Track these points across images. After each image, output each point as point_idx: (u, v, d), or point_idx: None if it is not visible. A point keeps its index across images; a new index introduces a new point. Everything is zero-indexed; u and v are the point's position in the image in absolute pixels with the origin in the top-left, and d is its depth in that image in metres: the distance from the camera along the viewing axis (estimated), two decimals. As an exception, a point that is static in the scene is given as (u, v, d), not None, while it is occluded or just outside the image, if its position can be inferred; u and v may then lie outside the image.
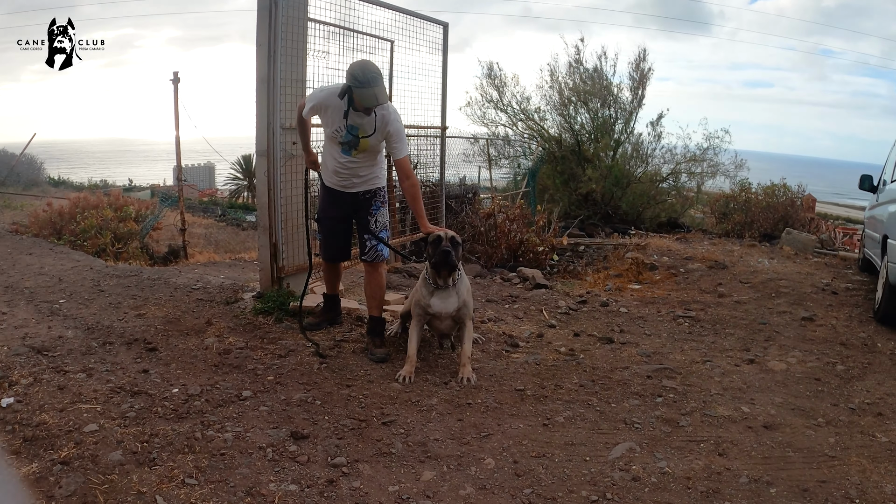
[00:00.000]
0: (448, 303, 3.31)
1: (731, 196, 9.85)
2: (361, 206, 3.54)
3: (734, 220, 8.87)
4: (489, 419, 2.76)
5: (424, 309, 3.33)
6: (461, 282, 3.35)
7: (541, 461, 2.41)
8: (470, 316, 3.41)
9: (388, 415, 2.72)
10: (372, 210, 3.56)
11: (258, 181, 4.02)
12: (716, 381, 3.32)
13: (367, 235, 3.54)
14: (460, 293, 3.33)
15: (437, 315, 3.32)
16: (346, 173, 3.49)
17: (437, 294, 3.30)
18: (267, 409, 2.68)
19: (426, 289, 3.34)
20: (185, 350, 3.32)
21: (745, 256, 6.76)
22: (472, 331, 3.48)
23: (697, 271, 6.11)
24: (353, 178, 3.49)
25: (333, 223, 3.61)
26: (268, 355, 3.32)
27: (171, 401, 2.66)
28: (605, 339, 4.16)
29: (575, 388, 3.19)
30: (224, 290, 4.57)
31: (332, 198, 3.55)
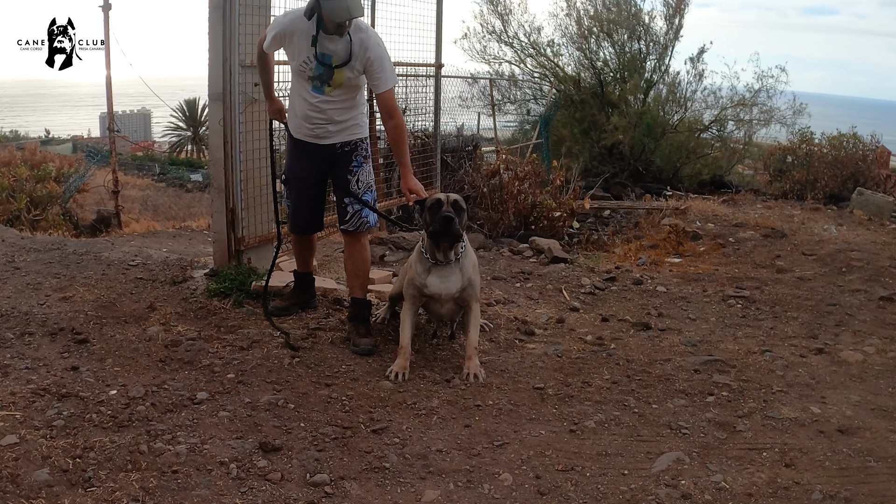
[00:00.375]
0: (449, 282, 3.23)
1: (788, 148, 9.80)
2: (339, 162, 3.45)
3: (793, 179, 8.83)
4: (503, 425, 2.73)
5: (420, 289, 3.26)
6: (465, 256, 3.28)
7: (569, 476, 2.38)
8: (477, 297, 3.35)
9: (379, 420, 2.68)
10: (352, 167, 3.47)
11: (211, 132, 3.93)
12: (778, 376, 3.31)
13: (347, 199, 3.45)
14: (464, 270, 3.26)
15: (436, 297, 3.25)
16: (318, 119, 3.38)
17: (436, 271, 3.23)
18: (228, 414, 2.63)
19: (422, 265, 3.26)
20: (123, 342, 3.26)
21: (808, 222, 6.74)
22: (480, 316, 3.42)
23: (750, 241, 6.09)
24: (327, 124, 3.39)
25: (304, 185, 3.51)
26: (226, 348, 3.26)
27: (108, 405, 2.61)
28: (641, 324, 4.14)
29: (606, 385, 3.16)
30: (169, 266, 4.50)
31: (302, 152, 3.45)
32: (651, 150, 10.90)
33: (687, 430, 2.72)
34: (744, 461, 2.51)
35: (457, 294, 3.26)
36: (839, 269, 5.20)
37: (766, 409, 2.94)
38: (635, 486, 2.32)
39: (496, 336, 3.83)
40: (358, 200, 3.47)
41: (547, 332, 3.99)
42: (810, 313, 4.33)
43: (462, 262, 3.25)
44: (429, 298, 3.28)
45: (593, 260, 6.03)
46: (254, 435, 2.50)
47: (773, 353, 3.61)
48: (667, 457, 2.50)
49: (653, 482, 2.35)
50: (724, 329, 4.10)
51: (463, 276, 3.24)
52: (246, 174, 3.96)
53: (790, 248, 5.83)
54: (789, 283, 4.96)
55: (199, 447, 2.38)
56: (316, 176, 3.50)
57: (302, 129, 3.42)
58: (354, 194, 3.46)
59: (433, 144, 6.31)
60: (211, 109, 3.90)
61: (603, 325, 4.17)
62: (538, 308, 4.50)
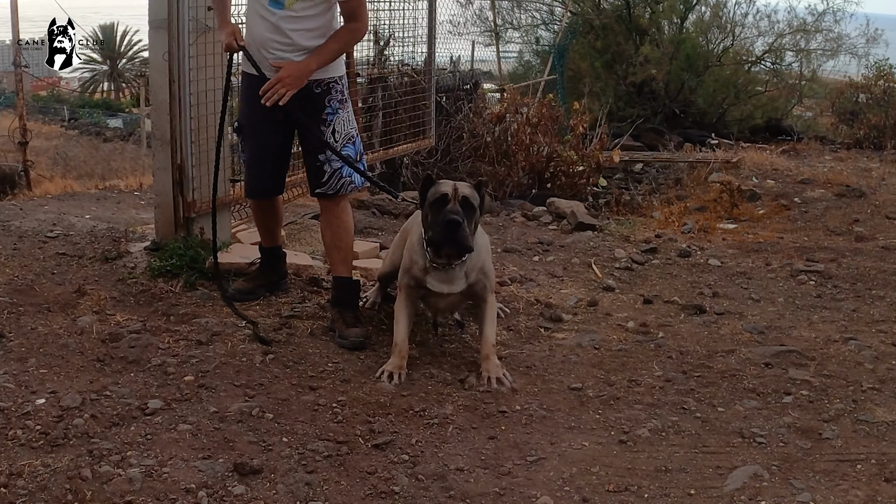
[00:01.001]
0: (454, 282, 3.18)
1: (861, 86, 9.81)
2: (307, 109, 3.38)
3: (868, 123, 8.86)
4: (536, 435, 2.72)
5: (418, 281, 3.22)
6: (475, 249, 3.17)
7: (622, 498, 2.37)
8: (491, 288, 3.30)
9: (381, 432, 2.65)
10: (326, 115, 3.41)
11: (152, 69, 3.88)
12: (867, 370, 3.32)
13: (323, 155, 3.41)
14: (472, 264, 3.18)
15: (437, 294, 3.22)
16: (279, 44, 3.31)
17: (436, 272, 3.17)
18: (190, 427, 2.59)
19: (421, 257, 3.19)
20: (47, 336, 3.20)
21: (890, 178, 6.80)
22: (496, 306, 3.38)
23: (821, 201, 6.13)
24: (291, 52, 3.32)
25: (263, 133, 3.45)
26: (180, 342, 3.22)
27: (36, 419, 2.55)
28: (693, 307, 4.14)
29: (658, 384, 3.16)
30: (97, 238, 4.42)
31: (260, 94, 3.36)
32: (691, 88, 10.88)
33: (763, 439, 2.72)
34: (835, 476, 2.52)
35: (463, 290, 3.22)
36: (933, 235, 5.26)
37: (856, 410, 2.95)
38: (706, 510, 2.33)
39: (515, 323, 3.81)
40: (337, 155, 3.40)
41: (577, 317, 3.99)
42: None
43: (467, 262, 3.16)
44: (427, 291, 3.24)
45: (627, 227, 6.04)
46: (225, 454, 2.46)
47: (859, 342, 3.63)
48: (741, 472, 2.50)
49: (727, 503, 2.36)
50: (796, 312, 4.12)
51: (471, 272, 3.19)
52: (197, 121, 3.89)
53: (870, 210, 5.88)
54: (872, 253, 5.00)
55: (156, 470, 2.34)
56: (278, 120, 3.41)
57: (259, 60, 3.35)
58: (332, 148, 3.40)
59: (426, 83, 6.21)
60: (152, 40, 3.84)
61: (646, 308, 4.18)
62: (563, 288, 4.50)
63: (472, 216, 3.08)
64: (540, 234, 5.75)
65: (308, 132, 3.43)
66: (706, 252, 5.29)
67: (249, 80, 3.43)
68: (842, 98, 9.95)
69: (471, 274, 3.19)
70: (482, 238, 3.31)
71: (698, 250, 5.31)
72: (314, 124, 3.40)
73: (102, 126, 19.51)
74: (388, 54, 6.42)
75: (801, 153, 8.29)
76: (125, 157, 13.06)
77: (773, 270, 4.84)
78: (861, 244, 5.20)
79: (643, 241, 5.58)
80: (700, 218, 6.08)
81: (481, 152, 7.09)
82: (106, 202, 6.44)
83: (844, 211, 5.88)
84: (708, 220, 6.02)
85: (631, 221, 6.19)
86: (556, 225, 6.05)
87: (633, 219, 6.30)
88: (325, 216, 3.56)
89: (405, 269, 3.27)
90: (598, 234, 5.77)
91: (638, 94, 11.78)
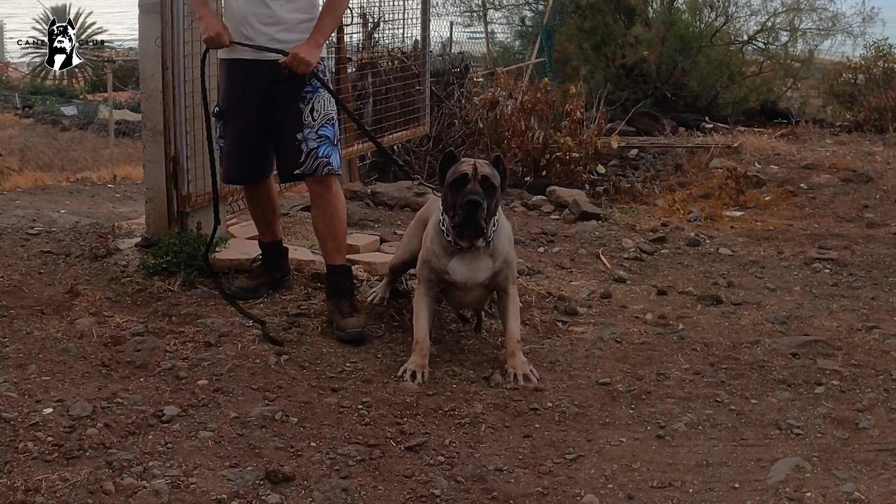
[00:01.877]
0: (477, 268, 3.19)
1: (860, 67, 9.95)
2: (286, 88, 3.41)
3: (868, 106, 9.01)
4: (571, 432, 2.75)
5: (438, 274, 3.22)
6: (498, 233, 3.21)
7: (668, 494, 2.41)
8: (513, 279, 3.32)
9: (412, 434, 2.67)
10: (305, 92, 3.44)
11: (143, 55, 3.85)
12: (894, 358, 3.40)
13: (300, 133, 3.43)
14: (498, 250, 3.20)
15: (460, 285, 3.22)
16: (259, 16, 3.34)
17: (460, 256, 3.18)
18: (211, 434, 2.58)
19: (440, 245, 3.20)
20: (45, 340, 3.16)
21: (894, 162, 6.92)
22: (518, 297, 3.40)
23: (827, 187, 6.24)
24: (272, 25, 3.37)
25: (243, 115, 3.47)
26: (187, 344, 3.20)
27: (46, 429, 2.51)
28: (709, 297, 4.21)
29: (688, 377, 3.21)
30: (82, 234, 4.38)
31: (239, 73, 3.42)
32: (684, 71, 10.97)
33: (800, 430, 2.79)
34: (875, 465, 2.58)
35: (487, 281, 3.23)
36: (946, 220, 5.39)
37: (889, 400, 3.02)
38: (751, 503, 2.39)
39: (530, 317, 3.84)
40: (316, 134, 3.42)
41: (592, 310, 4.03)
42: (919, 278, 4.48)
43: (494, 243, 3.19)
44: (450, 285, 3.26)
45: (632, 215, 6.10)
46: (253, 461, 2.45)
47: (883, 331, 3.71)
48: (783, 464, 2.56)
49: (772, 497, 2.40)
50: (814, 301, 4.20)
51: (496, 259, 3.20)
52: (193, 110, 3.85)
53: (879, 195, 6.00)
54: (885, 240, 5.11)
55: (183, 481, 2.32)
56: (259, 103, 3.45)
57: (237, 37, 3.39)
58: (310, 127, 3.44)
59: (419, 68, 6.22)
60: (143, 25, 3.79)
61: (661, 299, 4.23)
62: (574, 280, 4.54)
63: (492, 195, 3.11)
64: (542, 224, 5.79)
65: (285, 111, 3.44)
66: (715, 241, 5.37)
67: (228, 65, 3.47)
68: (840, 80, 10.11)
69: (497, 258, 3.20)
70: (505, 229, 3.31)
71: (707, 239, 5.39)
72: (292, 101, 3.43)
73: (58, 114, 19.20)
74: (377, 38, 6.41)
75: (800, 137, 8.42)
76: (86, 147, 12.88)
77: (787, 259, 4.93)
78: (873, 231, 5.31)
79: (650, 230, 5.65)
80: (705, 205, 6.16)
81: (475, 139, 7.10)
82: (80, 195, 6.37)
83: (853, 197, 6.00)
84: (713, 207, 6.10)
85: (635, 210, 6.24)
86: (558, 214, 6.09)
87: (636, 207, 6.35)
88: (317, 203, 3.56)
89: (424, 260, 3.28)
90: (603, 223, 5.82)
91: (628, 77, 11.85)
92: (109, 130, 12.92)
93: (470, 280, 3.21)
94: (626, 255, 5.05)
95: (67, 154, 12.83)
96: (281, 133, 3.50)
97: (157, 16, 3.70)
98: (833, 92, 10.38)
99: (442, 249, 3.21)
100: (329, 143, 3.50)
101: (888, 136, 7.91)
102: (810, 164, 6.83)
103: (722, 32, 11.70)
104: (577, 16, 12.19)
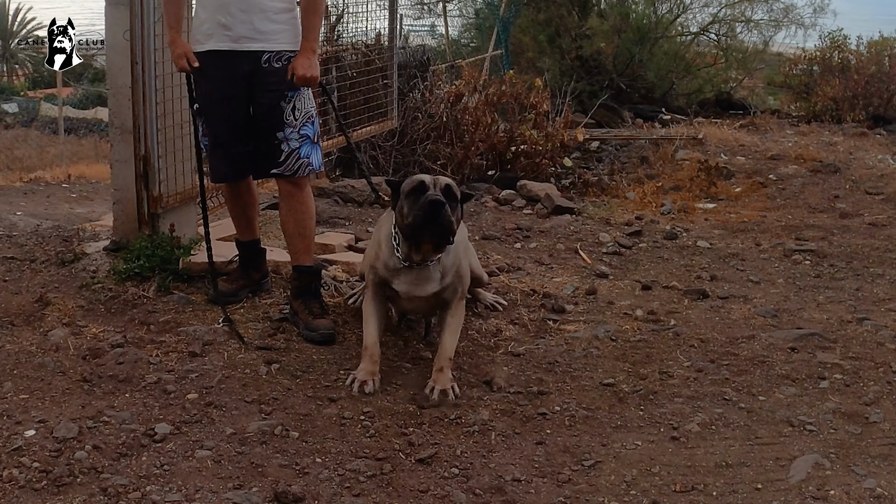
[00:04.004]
0: (425, 285, 3.06)
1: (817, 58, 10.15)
2: (266, 84, 3.33)
3: (825, 96, 9.20)
4: (584, 437, 2.69)
5: (384, 281, 3.11)
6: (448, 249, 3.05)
7: (692, 498, 2.36)
8: (462, 294, 3.17)
9: (421, 445, 2.57)
10: (286, 91, 3.35)
11: (110, 50, 3.70)
12: (890, 350, 3.42)
13: (281, 133, 3.36)
14: (447, 267, 3.07)
15: (406, 296, 3.11)
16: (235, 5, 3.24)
17: (407, 273, 3.05)
18: (209, 453, 2.44)
19: (390, 258, 3.05)
20: (18, 354, 2.99)
21: (857, 152, 7.08)
22: (463, 313, 3.20)
23: (796, 178, 6.33)
24: (251, 13, 3.26)
25: (225, 109, 3.37)
26: (171, 355, 3.05)
27: (30, 454, 2.35)
28: (695, 292, 4.20)
29: (692, 375, 3.18)
30: (45, 238, 4.18)
31: (218, 67, 3.31)
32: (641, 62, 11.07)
33: (812, 427, 2.77)
34: (892, 460, 2.57)
35: (431, 296, 3.10)
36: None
37: (893, 392, 3.03)
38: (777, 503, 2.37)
39: (517, 316, 3.79)
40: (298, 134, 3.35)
41: (580, 307, 3.98)
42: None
43: (443, 260, 3.04)
44: (395, 294, 3.14)
45: (605, 209, 6.09)
46: (257, 481, 2.32)
47: (874, 322, 3.73)
48: (802, 462, 2.54)
49: (797, 496, 2.38)
50: (800, 293, 4.23)
51: (446, 275, 3.07)
52: (164, 107, 3.68)
53: (849, 185, 6.11)
54: (860, 230, 5.19)
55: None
56: (241, 95, 3.35)
57: (214, 30, 3.28)
58: (292, 126, 3.36)
59: (387, 61, 6.09)
60: (110, 18, 3.63)
61: (646, 294, 4.21)
62: (555, 276, 4.49)
63: (454, 207, 2.94)
64: (516, 219, 5.73)
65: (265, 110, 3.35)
66: (692, 233, 5.39)
67: (205, 57, 3.33)
68: (796, 71, 10.31)
69: (447, 275, 3.07)
70: (460, 234, 3.14)
71: (683, 232, 5.41)
72: (273, 99, 3.34)
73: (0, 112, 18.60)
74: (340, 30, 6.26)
75: (760, 128, 8.55)
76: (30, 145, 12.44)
77: (766, 251, 4.97)
78: (847, 221, 5.40)
79: (624, 223, 5.64)
80: (677, 197, 6.19)
81: (439, 132, 7.02)
82: (35, 196, 6.14)
83: (822, 187, 6.10)
84: (685, 199, 6.13)
85: (607, 203, 6.23)
86: (530, 209, 6.05)
87: (608, 200, 6.35)
88: (287, 202, 3.46)
89: (370, 263, 3.17)
90: (577, 217, 5.80)
91: (583, 69, 11.90)
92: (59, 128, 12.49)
93: (415, 293, 3.08)
94: (604, 249, 5.02)
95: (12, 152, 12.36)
96: (259, 129, 3.39)
97: (125, 8, 3.53)
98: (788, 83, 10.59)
99: (391, 261, 3.05)
100: (310, 141, 3.42)
101: (847, 127, 8.09)
102: (776, 154, 6.93)
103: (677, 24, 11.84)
104: (531, 7, 12.20)
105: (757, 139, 7.71)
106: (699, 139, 7.53)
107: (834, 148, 7.21)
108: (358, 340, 3.31)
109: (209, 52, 3.32)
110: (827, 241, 5.02)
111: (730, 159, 6.95)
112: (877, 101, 8.86)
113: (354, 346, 3.28)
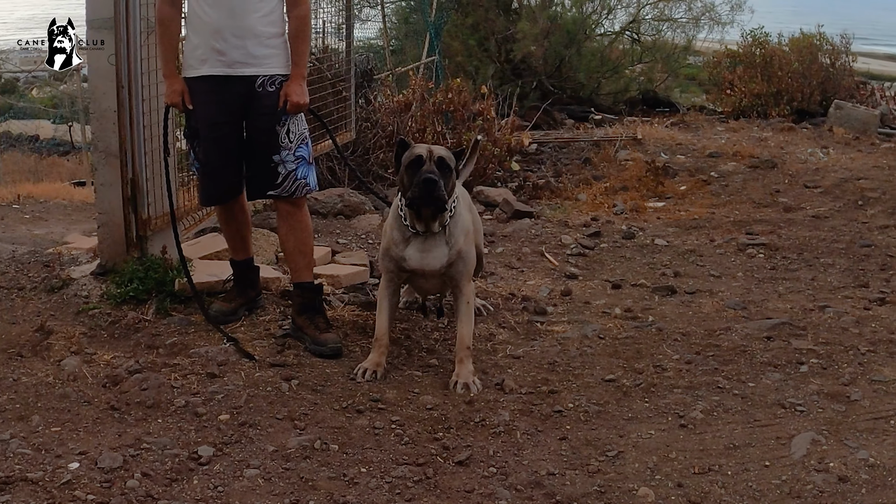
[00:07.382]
0: (432, 255, 3.32)
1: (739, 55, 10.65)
2: (261, 108, 3.44)
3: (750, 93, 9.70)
4: (602, 430, 2.91)
5: (397, 262, 3.34)
6: (455, 222, 3.35)
7: (711, 478, 2.61)
8: (469, 275, 3.41)
9: (455, 448, 2.73)
10: (280, 114, 3.45)
11: (93, 76, 3.75)
12: (854, 334, 3.77)
13: (277, 156, 3.48)
14: (453, 240, 3.33)
15: (419, 272, 3.35)
16: (232, 29, 3.33)
17: (416, 242, 3.31)
18: (257, 472, 2.54)
19: (399, 231, 3.33)
20: (37, 386, 2.99)
21: (788, 146, 7.57)
22: (474, 300, 3.49)
23: (736, 174, 6.75)
24: (245, 38, 3.37)
25: (219, 132, 3.46)
26: (189, 377, 3.11)
27: (82, 487, 2.38)
28: (663, 288, 4.49)
29: (682, 366, 3.45)
30: (24, 265, 4.16)
31: (211, 91, 3.39)
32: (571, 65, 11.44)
33: (802, 407, 3.06)
34: (877, 433, 2.87)
35: (442, 270, 3.36)
36: (853, 202, 5.97)
37: (866, 373, 3.36)
38: (787, 477, 2.59)
39: (504, 319, 3.99)
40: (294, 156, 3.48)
41: (559, 308, 4.21)
42: (846, 258, 4.93)
43: (451, 229, 3.33)
44: (410, 273, 3.38)
45: (561, 211, 6.37)
46: (312, 494, 2.43)
47: (835, 309, 4.08)
48: (801, 439, 2.81)
49: (802, 469, 2.64)
50: (760, 285, 4.57)
51: (451, 248, 3.32)
52: (150, 130, 3.73)
53: (787, 180, 6.55)
54: (805, 223, 5.60)
55: (250, 524, 2.31)
56: (233, 120, 3.46)
57: (208, 55, 3.37)
58: (288, 149, 3.48)
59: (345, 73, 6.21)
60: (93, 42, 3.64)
61: (617, 293, 4.48)
62: (528, 279, 4.72)
63: (447, 177, 3.23)
64: (479, 224, 5.95)
65: (260, 133, 3.46)
66: (648, 232, 5.71)
67: (200, 82, 3.41)
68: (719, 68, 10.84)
69: (452, 247, 3.31)
70: (463, 220, 3.41)
71: (639, 231, 5.72)
72: (268, 123, 3.44)
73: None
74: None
75: (691, 126, 9.00)
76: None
77: (720, 246, 5.32)
78: (791, 214, 5.81)
79: (582, 224, 5.92)
80: (627, 197, 6.52)
81: (390, 141, 7.15)
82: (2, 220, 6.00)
83: (762, 182, 6.52)
84: (634, 199, 6.46)
85: (562, 205, 6.51)
86: (490, 214, 6.27)
87: (562, 202, 6.63)
88: (286, 221, 3.58)
89: (384, 250, 3.40)
90: (536, 220, 6.05)
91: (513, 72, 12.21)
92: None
93: (427, 267, 3.32)
94: (568, 251, 5.28)
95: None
96: (254, 153, 3.50)
97: (109, 32, 3.55)
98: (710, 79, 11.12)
99: (400, 235, 3.33)
100: (305, 162, 3.55)
101: (773, 122, 8.60)
102: (714, 152, 7.35)
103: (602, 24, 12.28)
104: (458, 12, 12.44)
105: (691, 137, 8.14)
106: (638, 139, 7.90)
107: (766, 143, 7.69)
108: (363, 353, 3.47)
109: (203, 78, 3.40)
110: (776, 235, 5.40)
111: (670, 158, 7.34)
112: (800, 96, 9.48)
113: (361, 358, 3.41)
